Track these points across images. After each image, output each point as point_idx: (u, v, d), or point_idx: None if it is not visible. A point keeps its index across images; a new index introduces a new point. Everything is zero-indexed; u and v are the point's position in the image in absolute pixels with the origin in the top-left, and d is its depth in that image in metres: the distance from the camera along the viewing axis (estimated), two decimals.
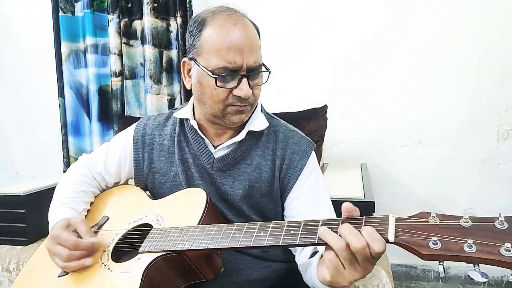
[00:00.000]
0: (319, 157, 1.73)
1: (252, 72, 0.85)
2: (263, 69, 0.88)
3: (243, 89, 0.83)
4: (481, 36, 1.89)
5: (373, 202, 1.22)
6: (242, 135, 0.92)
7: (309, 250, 0.84)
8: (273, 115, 1.02)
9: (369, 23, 1.99)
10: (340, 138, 2.11)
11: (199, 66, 0.85)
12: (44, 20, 2.23)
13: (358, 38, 2.01)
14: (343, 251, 0.60)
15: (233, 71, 0.83)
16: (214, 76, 0.82)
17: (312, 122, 1.73)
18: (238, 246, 0.71)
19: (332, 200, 0.94)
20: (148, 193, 1.03)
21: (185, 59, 0.91)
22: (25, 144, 2.53)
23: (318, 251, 0.82)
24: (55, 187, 1.04)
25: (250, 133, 0.93)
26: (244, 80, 0.84)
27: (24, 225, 1.52)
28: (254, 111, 0.95)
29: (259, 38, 0.88)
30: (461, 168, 1.99)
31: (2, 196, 1.53)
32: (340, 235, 0.61)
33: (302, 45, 2.07)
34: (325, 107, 1.79)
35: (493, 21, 1.87)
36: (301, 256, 0.87)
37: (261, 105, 1.00)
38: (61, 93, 2.17)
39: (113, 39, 2.06)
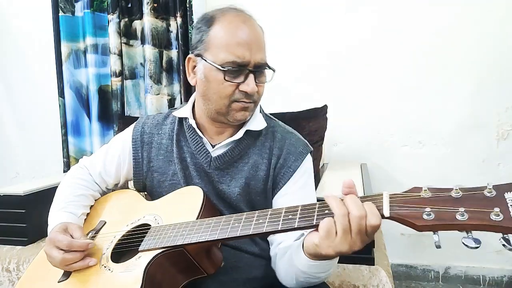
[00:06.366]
0: (319, 157, 1.73)
1: (259, 69, 0.87)
2: (268, 68, 0.90)
3: (250, 84, 0.85)
4: (481, 36, 1.89)
5: None
6: (240, 134, 0.93)
7: (294, 234, 0.84)
8: (272, 117, 1.03)
9: (369, 23, 1.99)
10: (340, 138, 2.11)
11: (206, 61, 0.87)
12: (44, 20, 2.23)
13: (358, 38, 2.01)
14: (343, 216, 0.62)
15: (241, 66, 0.84)
16: (223, 69, 0.84)
17: (312, 122, 1.73)
18: (238, 235, 0.71)
19: None
20: (145, 194, 1.03)
21: (190, 55, 0.92)
22: (25, 144, 2.53)
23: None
24: (55, 187, 1.04)
25: (248, 132, 0.94)
26: (251, 76, 0.86)
27: (24, 225, 1.52)
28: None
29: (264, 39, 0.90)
30: (461, 168, 1.99)
31: (2, 196, 1.53)
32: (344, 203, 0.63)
33: (303, 44, 2.08)
34: (325, 107, 1.79)
35: (493, 21, 1.87)
36: (283, 241, 0.86)
37: (260, 106, 1.00)
38: (61, 93, 2.17)
39: (113, 39, 2.06)
